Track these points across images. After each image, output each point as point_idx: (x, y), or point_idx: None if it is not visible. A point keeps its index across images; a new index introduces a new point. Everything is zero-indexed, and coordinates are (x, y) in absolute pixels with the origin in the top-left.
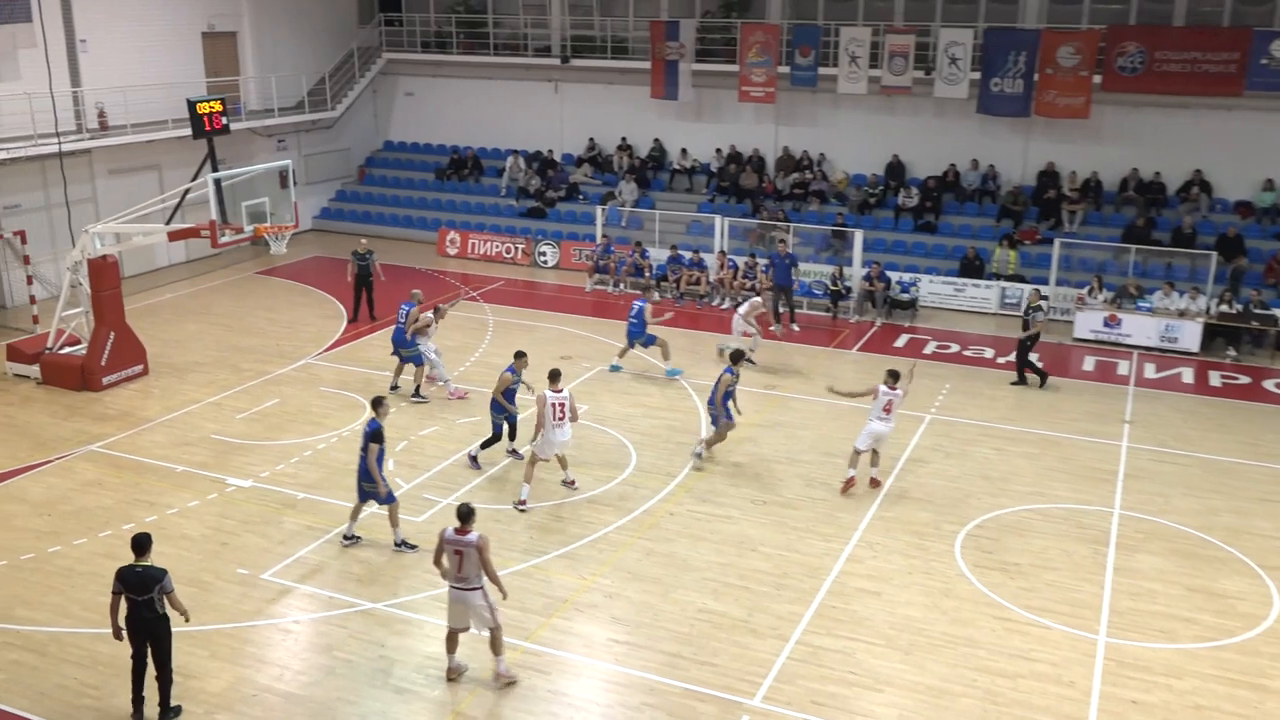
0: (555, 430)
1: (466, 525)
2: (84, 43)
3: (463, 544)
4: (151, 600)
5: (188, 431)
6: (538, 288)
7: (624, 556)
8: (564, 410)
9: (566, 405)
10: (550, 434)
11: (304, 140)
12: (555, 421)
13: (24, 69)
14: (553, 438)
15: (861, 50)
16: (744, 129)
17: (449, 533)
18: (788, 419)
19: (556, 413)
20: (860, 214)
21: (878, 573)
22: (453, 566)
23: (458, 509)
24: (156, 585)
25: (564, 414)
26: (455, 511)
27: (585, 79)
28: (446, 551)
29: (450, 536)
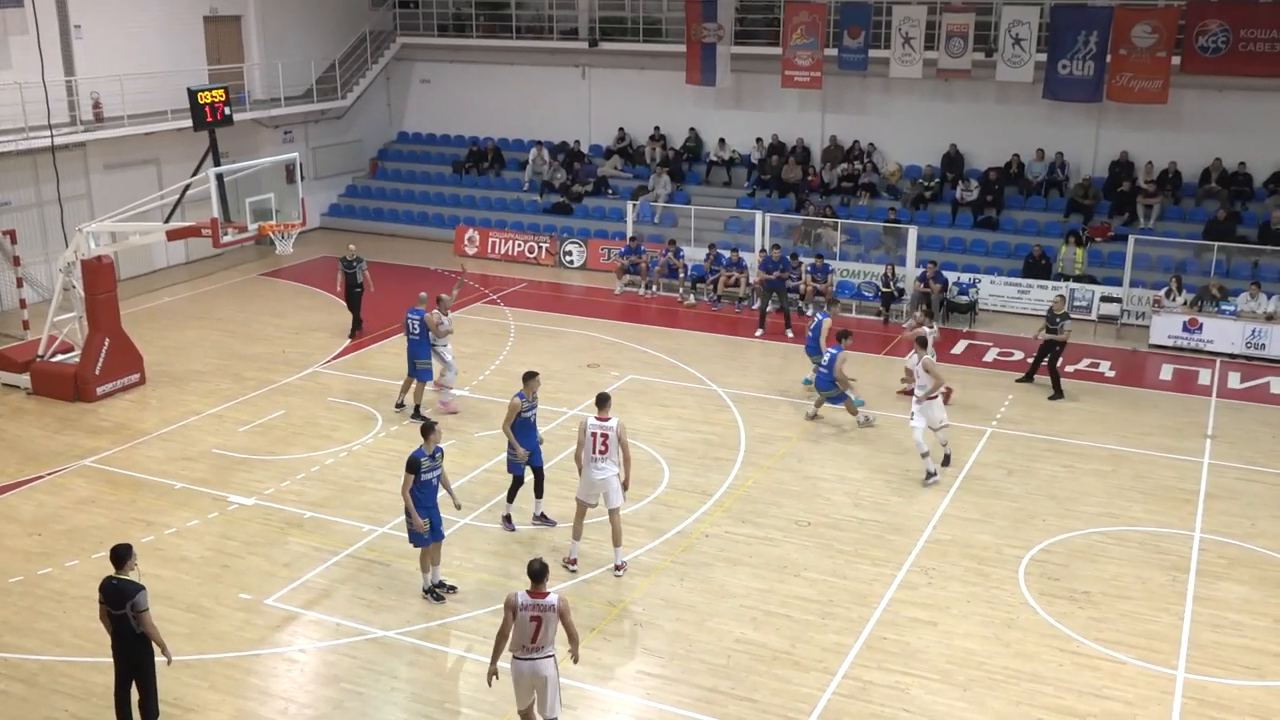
0: (592, 467)
1: (542, 585)
2: (78, 29)
3: (541, 610)
4: (125, 616)
5: (187, 445)
6: (563, 290)
7: (656, 581)
8: (605, 443)
9: (611, 437)
10: (588, 471)
11: (312, 132)
12: (593, 455)
13: (14, 57)
14: (590, 475)
15: (916, 30)
16: (787, 117)
17: (521, 597)
18: (833, 433)
19: (597, 445)
20: (914, 209)
21: (933, 601)
22: (526, 635)
23: (530, 568)
24: (128, 601)
25: (605, 447)
26: (528, 571)
27: (615, 64)
28: (520, 618)
29: (524, 600)
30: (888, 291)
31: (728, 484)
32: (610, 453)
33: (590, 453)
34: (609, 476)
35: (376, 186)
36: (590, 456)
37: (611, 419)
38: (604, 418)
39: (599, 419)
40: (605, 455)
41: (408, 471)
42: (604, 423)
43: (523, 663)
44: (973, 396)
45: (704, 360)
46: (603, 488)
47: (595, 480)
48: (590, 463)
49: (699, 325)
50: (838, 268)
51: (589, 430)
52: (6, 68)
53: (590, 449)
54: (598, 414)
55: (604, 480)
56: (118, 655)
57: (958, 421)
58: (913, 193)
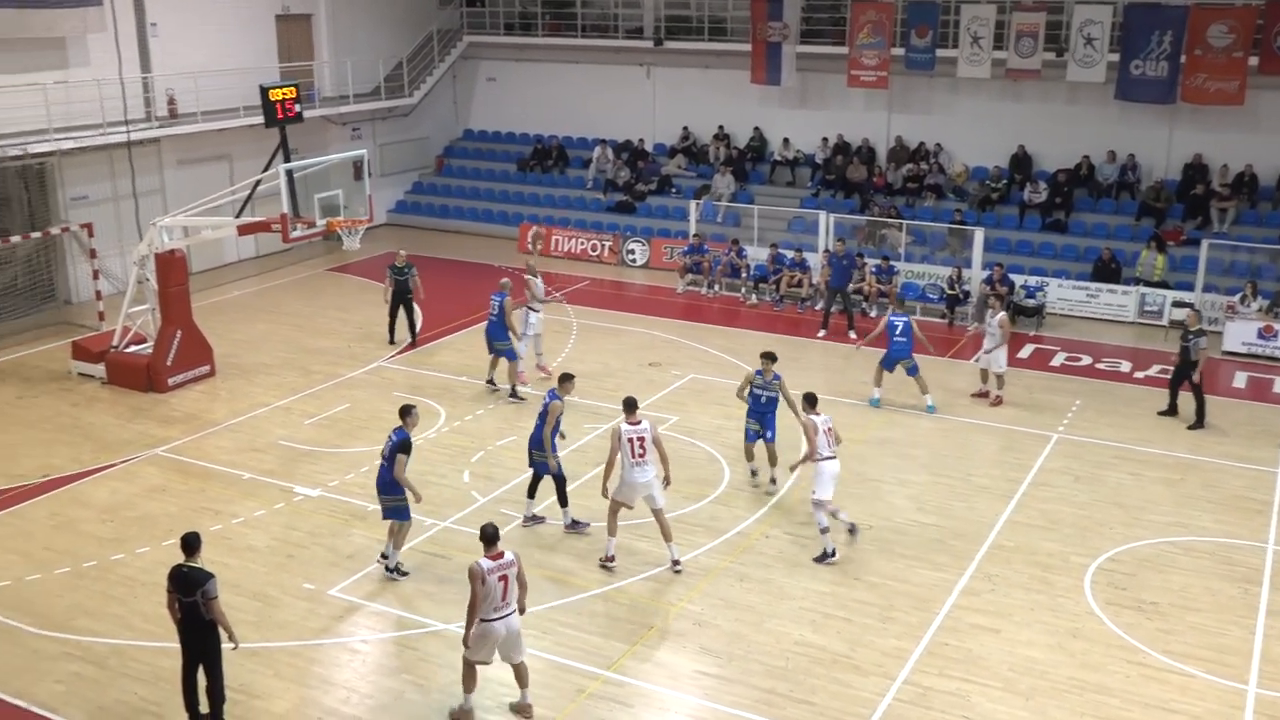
0: (634, 470)
1: (496, 547)
2: (154, 26)
3: (504, 567)
4: (195, 604)
5: (255, 436)
6: (625, 288)
7: (715, 582)
8: (643, 445)
9: (647, 439)
10: (629, 475)
11: (380, 129)
12: (634, 460)
13: (93, 54)
14: (632, 479)
15: (985, 30)
16: (853, 117)
17: (485, 563)
18: (897, 436)
19: (635, 449)
20: (981, 211)
21: (996, 608)
22: (496, 595)
23: (483, 531)
24: (199, 589)
25: (644, 450)
26: (481, 536)
27: (680, 62)
28: (489, 582)
29: (488, 565)
30: (953, 294)
31: (789, 485)
32: (648, 454)
33: (630, 458)
34: (651, 478)
35: (442, 184)
36: (630, 461)
37: (643, 421)
38: (635, 421)
39: (630, 423)
40: (644, 458)
41: (402, 453)
42: (636, 426)
43: (496, 623)
44: (1039, 401)
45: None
46: (646, 489)
47: (639, 483)
48: (631, 467)
49: (760, 325)
50: (902, 269)
51: (624, 436)
52: (85, 65)
53: (629, 454)
54: (627, 418)
55: (647, 482)
56: (185, 642)
57: (1024, 426)
58: (979, 194)
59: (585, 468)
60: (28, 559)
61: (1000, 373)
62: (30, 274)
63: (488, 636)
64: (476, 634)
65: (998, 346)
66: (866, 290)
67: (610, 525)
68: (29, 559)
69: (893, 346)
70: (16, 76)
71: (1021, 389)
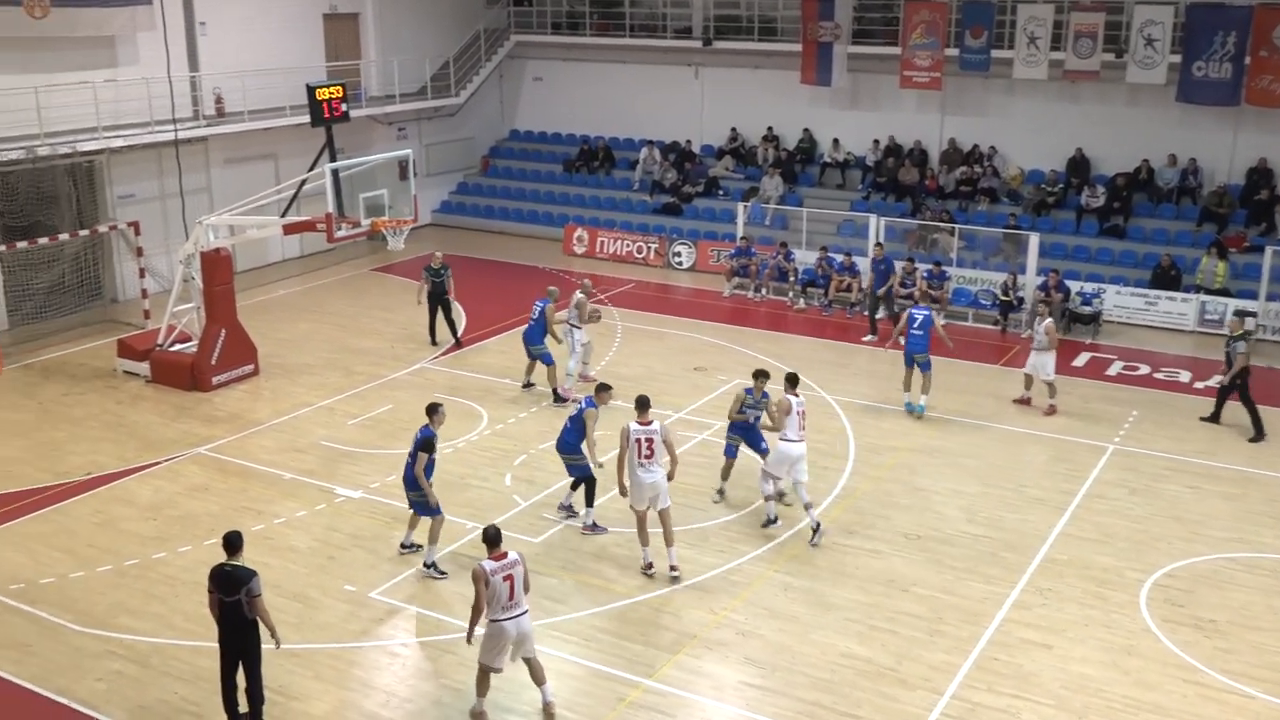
0: (641, 471)
1: (499, 548)
2: (203, 25)
3: (509, 567)
4: (239, 603)
5: (297, 436)
6: (671, 291)
7: (760, 591)
8: (651, 447)
9: (656, 440)
10: (636, 475)
11: (425, 129)
12: (641, 461)
13: (142, 52)
14: (639, 480)
15: (1042, 30)
16: (905, 118)
17: (488, 565)
18: (948, 445)
19: (643, 450)
20: (1036, 215)
21: (1049, 623)
22: (502, 595)
23: (485, 533)
24: (243, 587)
25: (651, 451)
26: (483, 537)
27: (728, 63)
28: (493, 583)
29: (491, 566)
30: (1006, 300)
31: (835, 494)
32: (656, 456)
33: (637, 458)
34: (658, 478)
35: (487, 184)
36: (638, 461)
37: (654, 422)
38: (645, 421)
39: (641, 423)
40: (652, 459)
41: (423, 451)
42: (646, 427)
43: (507, 623)
44: (1095, 411)
45: (813, 366)
46: (653, 490)
47: (645, 484)
48: (638, 468)
49: (808, 330)
50: (954, 274)
51: (633, 436)
52: (134, 63)
53: (636, 454)
54: (639, 418)
55: (654, 483)
56: (225, 642)
57: (1079, 436)
58: (1035, 198)
59: None
60: (71, 556)
61: (1049, 380)
62: (77, 272)
63: (499, 637)
64: (487, 635)
65: (1044, 351)
66: (917, 295)
67: (641, 535)
68: (73, 556)
69: (908, 339)
70: (67, 75)
71: (1077, 398)
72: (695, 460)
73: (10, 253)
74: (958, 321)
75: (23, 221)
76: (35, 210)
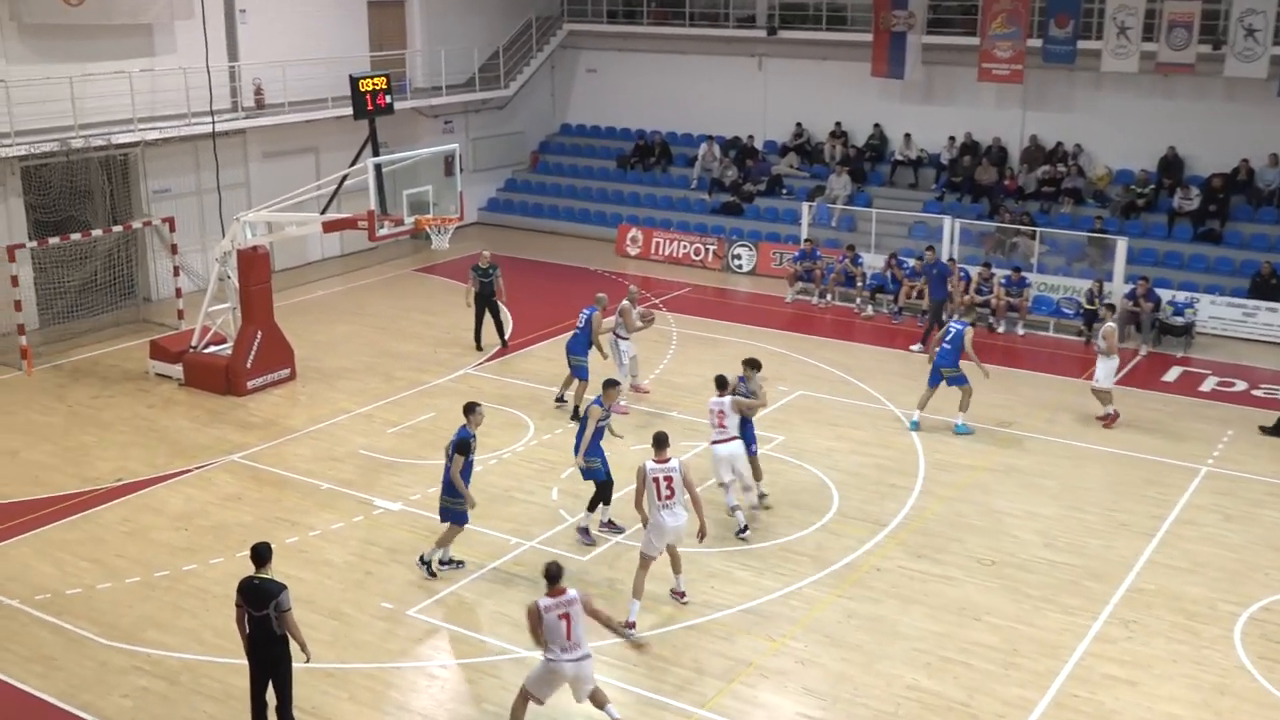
0: (662, 514)
1: (558, 584)
2: (244, 13)
3: (565, 605)
4: (267, 617)
5: (335, 445)
6: (729, 296)
7: (820, 617)
8: (671, 486)
9: (676, 479)
10: (656, 518)
11: (473, 122)
12: (661, 502)
13: (180, 41)
14: (660, 523)
15: (1133, 19)
16: (983, 114)
17: (543, 602)
18: (1025, 464)
19: (662, 489)
20: (1125, 218)
21: (1134, 658)
22: (560, 635)
23: (546, 570)
24: (272, 601)
25: (671, 491)
26: (544, 574)
27: (794, 54)
28: (547, 620)
29: (546, 604)
30: (1091, 309)
31: (903, 514)
32: (677, 496)
33: (656, 499)
34: (681, 522)
35: (537, 181)
36: (657, 503)
37: (671, 460)
38: (663, 459)
39: (657, 461)
40: (673, 499)
41: (460, 453)
42: (664, 465)
43: (565, 664)
44: (1186, 429)
45: (881, 377)
46: (675, 535)
47: (668, 528)
48: (658, 510)
49: (876, 339)
50: (1035, 281)
51: (649, 475)
52: (171, 52)
53: (655, 495)
54: (655, 456)
55: (677, 528)
56: (254, 659)
57: (1169, 457)
58: (1123, 200)
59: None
60: (99, 566)
61: (1103, 389)
62: (110, 269)
63: (553, 677)
64: (542, 670)
65: (1102, 356)
66: (994, 304)
67: (637, 586)
68: (100, 566)
69: (940, 353)
70: (102, 64)
71: (1167, 416)
72: None
73: (42, 249)
74: (1038, 331)
75: (55, 216)
76: (68, 205)
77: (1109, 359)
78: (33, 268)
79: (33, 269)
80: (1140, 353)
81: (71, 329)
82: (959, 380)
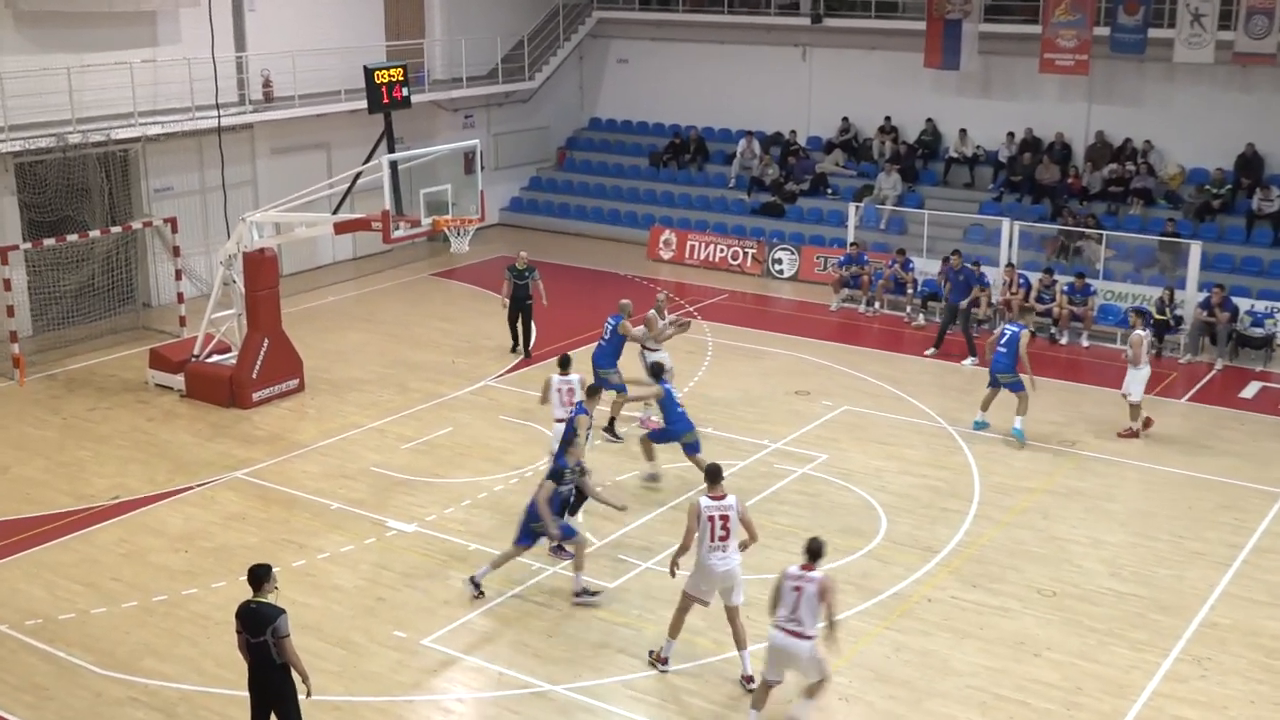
0: (713, 556)
1: (719, 487)
2: (252, 0)
3: (724, 509)
4: (265, 644)
5: (345, 461)
6: (770, 303)
7: (865, 650)
8: (726, 526)
9: (732, 518)
10: (707, 560)
11: (495, 116)
12: (713, 544)
13: (185, 31)
14: (710, 566)
15: (1208, 6)
16: (1045, 108)
17: (704, 501)
18: (1089, 486)
19: (717, 530)
20: (1199, 221)
21: (1208, 698)
22: (713, 535)
23: (708, 469)
24: (269, 626)
25: (727, 532)
26: (705, 473)
27: (841, 43)
28: (703, 520)
29: (706, 504)
30: (1162, 319)
31: (956, 540)
32: (732, 538)
33: (709, 540)
34: (733, 567)
35: (563, 179)
36: (709, 545)
37: (728, 496)
38: (718, 495)
39: (713, 497)
40: (727, 541)
41: (553, 480)
42: (720, 502)
43: (715, 563)
44: (1267, 451)
45: (933, 392)
46: (726, 581)
47: (718, 572)
48: (709, 552)
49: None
50: (1100, 289)
51: (704, 513)
52: (175, 42)
53: (709, 535)
54: (710, 491)
55: (728, 572)
56: (255, 688)
57: (1248, 480)
58: (1197, 201)
59: None
60: (93, 590)
61: (1133, 400)
62: (108, 273)
63: (704, 575)
64: (696, 573)
65: (1131, 366)
66: (1057, 313)
67: (675, 624)
68: (95, 590)
69: (994, 357)
70: (101, 55)
71: (1244, 435)
72: (793, 498)
73: (37, 251)
74: (1104, 343)
75: (50, 216)
76: (64, 204)
77: (1138, 370)
78: (26, 271)
79: (26, 272)
80: (1216, 367)
81: (67, 336)
82: (1016, 386)
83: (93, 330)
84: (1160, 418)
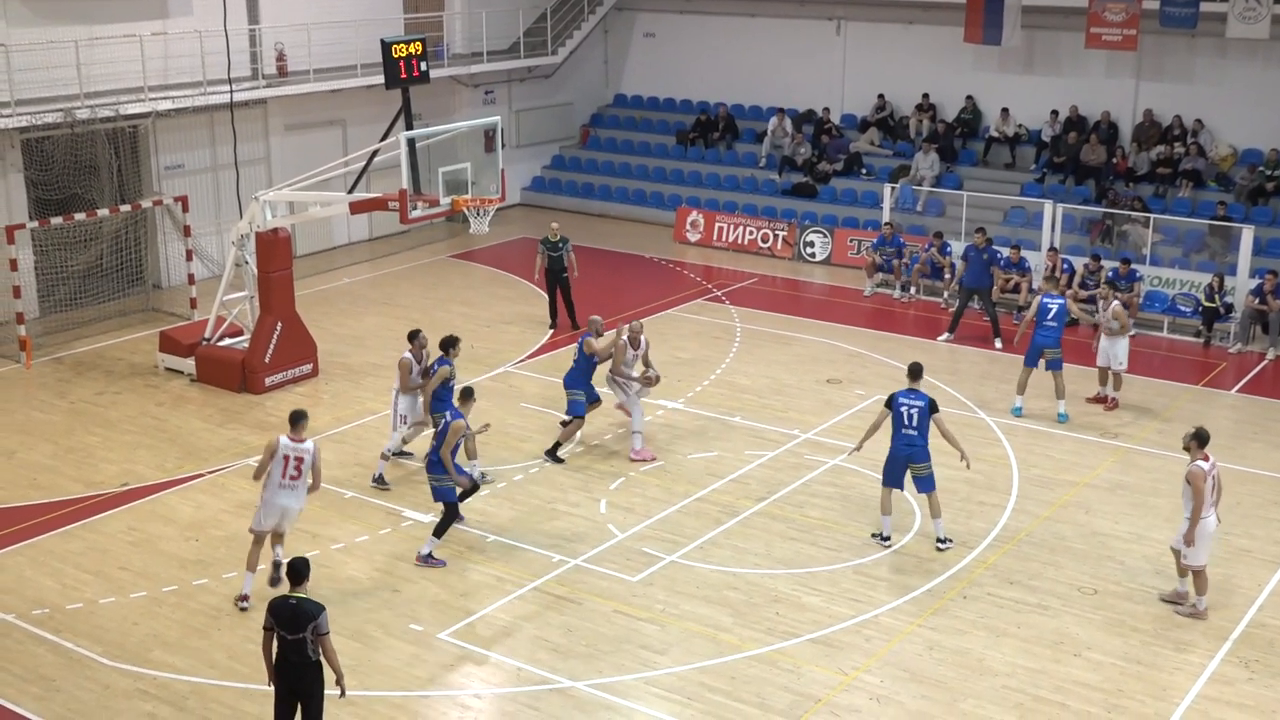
0: (900, 440)
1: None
2: None
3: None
4: (303, 641)
5: (360, 449)
6: (801, 288)
7: (898, 648)
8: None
9: (921, 411)
10: (896, 446)
11: (516, 92)
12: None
13: (196, 3)
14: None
15: None
16: (1091, 85)
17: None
18: (1133, 480)
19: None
20: (1252, 204)
21: (1256, 701)
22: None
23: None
24: (310, 623)
25: (915, 424)
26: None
27: (877, 16)
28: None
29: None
30: (1211, 306)
31: (994, 535)
32: (919, 426)
33: (902, 427)
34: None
35: (587, 158)
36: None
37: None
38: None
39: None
40: (913, 427)
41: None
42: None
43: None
44: None
45: (971, 381)
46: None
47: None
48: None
49: (965, 337)
50: (1147, 274)
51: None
52: (186, 14)
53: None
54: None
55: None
56: (283, 687)
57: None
58: (1250, 183)
59: (747, 502)
60: (102, 579)
61: (1119, 370)
62: (117, 253)
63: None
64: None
65: (1115, 336)
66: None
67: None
68: (103, 579)
69: (1039, 332)
70: (110, 27)
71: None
72: (825, 490)
73: (44, 230)
74: (1150, 332)
75: (58, 195)
76: (72, 182)
77: (1121, 338)
78: (33, 250)
79: (33, 251)
80: (1268, 356)
81: (74, 318)
82: (1057, 364)
83: (101, 312)
84: (1209, 409)
